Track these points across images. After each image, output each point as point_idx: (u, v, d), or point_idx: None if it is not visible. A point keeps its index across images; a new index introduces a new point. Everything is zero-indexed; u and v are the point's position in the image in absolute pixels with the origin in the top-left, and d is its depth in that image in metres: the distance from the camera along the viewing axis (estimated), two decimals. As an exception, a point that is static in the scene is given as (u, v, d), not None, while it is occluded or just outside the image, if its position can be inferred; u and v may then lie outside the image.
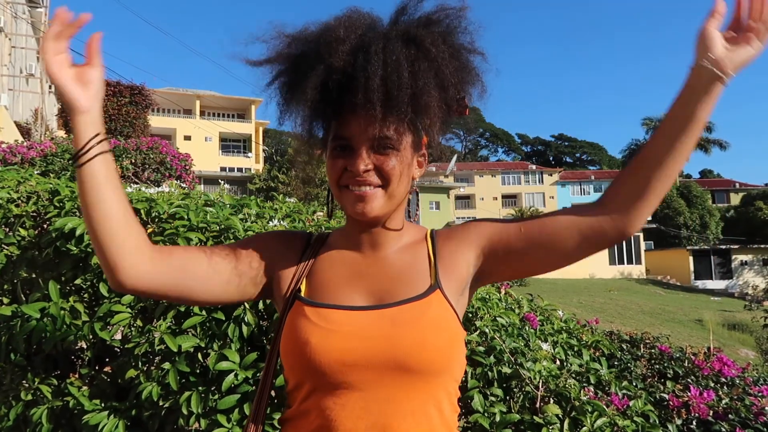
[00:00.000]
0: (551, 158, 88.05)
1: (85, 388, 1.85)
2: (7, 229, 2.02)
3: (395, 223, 1.03)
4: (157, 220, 1.93)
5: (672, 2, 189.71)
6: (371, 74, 0.87)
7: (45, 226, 2.06)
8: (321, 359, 0.90)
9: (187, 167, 9.33)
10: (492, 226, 1.02)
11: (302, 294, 0.99)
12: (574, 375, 2.09)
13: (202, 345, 1.74)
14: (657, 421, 1.99)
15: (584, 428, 1.77)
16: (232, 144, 43.71)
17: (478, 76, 0.99)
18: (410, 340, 0.89)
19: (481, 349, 1.94)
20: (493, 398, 1.84)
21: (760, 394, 2.45)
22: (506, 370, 1.88)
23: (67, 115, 12.56)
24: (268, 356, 1.04)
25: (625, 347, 3.17)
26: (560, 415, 1.79)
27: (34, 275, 2.00)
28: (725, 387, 2.65)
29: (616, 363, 2.80)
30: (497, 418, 1.73)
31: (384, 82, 0.87)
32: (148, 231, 1.87)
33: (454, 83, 0.95)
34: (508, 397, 1.87)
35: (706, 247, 32.76)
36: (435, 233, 1.08)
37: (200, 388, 1.69)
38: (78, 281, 1.90)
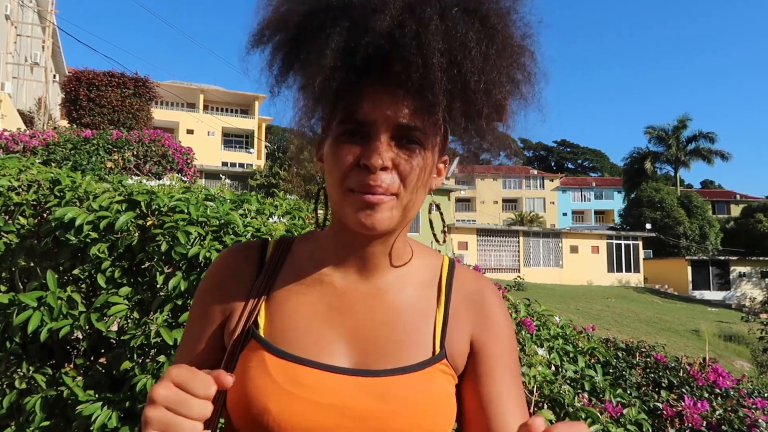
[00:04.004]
0: (553, 164, 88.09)
1: (79, 378, 1.85)
2: (7, 217, 2.02)
3: (396, 245, 0.78)
4: (157, 212, 1.93)
5: (678, 12, 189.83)
6: (430, 47, 0.64)
7: (45, 215, 2.06)
8: None
9: (189, 161, 9.33)
10: (495, 358, 0.79)
11: (260, 331, 0.74)
12: (568, 381, 2.09)
13: (198, 339, 1.74)
14: (650, 430, 1.99)
15: (577, 435, 1.77)
16: (234, 139, 43.71)
17: (530, 75, 0.75)
18: (404, 424, 0.70)
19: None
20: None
21: (754, 406, 2.45)
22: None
23: (70, 106, 12.51)
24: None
25: (620, 355, 3.17)
26: (554, 421, 1.79)
27: (32, 264, 2.00)
28: (719, 398, 2.65)
29: (611, 370, 2.80)
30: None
31: (449, 60, 0.65)
32: (148, 224, 1.87)
33: (523, 79, 0.73)
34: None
35: (704, 257, 32.75)
36: (455, 272, 0.83)
37: (195, 382, 1.69)
38: (76, 271, 1.90)
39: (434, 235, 0.83)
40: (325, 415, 0.69)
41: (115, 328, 1.88)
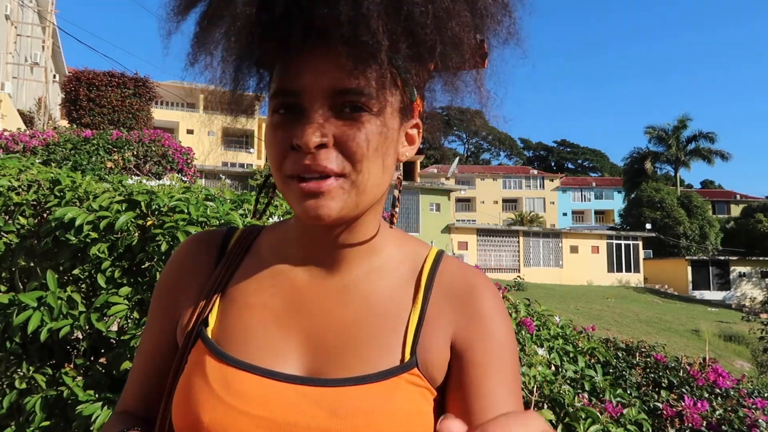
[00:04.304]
0: (553, 164, 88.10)
1: (79, 378, 1.85)
2: (7, 217, 2.02)
3: (366, 232, 0.67)
4: (157, 212, 1.93)
5: (677, 12, 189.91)
6: None
7: (45, 215, 2.06)
8: None
9: (189, 161, 9.33)
10: (484, 366, 0.64)
11: (209, 330, 0.66)
12: (568, 381, 2.09)
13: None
14: (650, 430, 1.99)
15: (577, 435, 1.77)
16: (234, 139, 43.73)
17: (507, 7, 0.62)
18: None
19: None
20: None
21: (754, 406, 2.45)
22: (501, 374, 1.88)
23: (70, 106, 12.49)
24: (163, 399, 0.68)
25: (620, 355, 3.17)
26: (554, 421, 1.79)
27: (32, 264, 2.00)
28: (719, 398, 2.65)
29: (611, 370, 2.80)
30: (490, 422, 1.73)
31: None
32: (148, 223, 1.87)
33: (486, 12, 0.61)
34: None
35: (704, 257, 32.75)
36: (440, 265, 0.70)
37: (195, 382, 1.69)
38: (76, 271, 1.90)
39: (392, 216, 0.69)
40: (261, 430, 0.59)
41: (115, 328, 1.88)
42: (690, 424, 2.18)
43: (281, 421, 0.59)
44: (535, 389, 1.84)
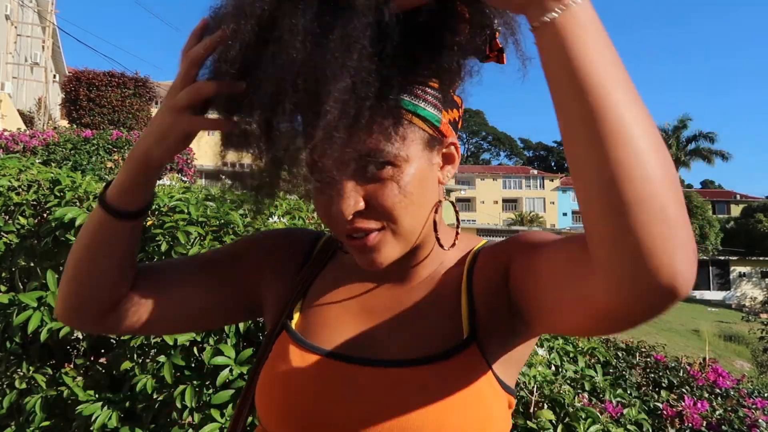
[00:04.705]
0: (553, 164, 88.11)
1: (79, 378, 1.85)
2: (7, 217, 2.02)
3: (421, 253, 0.73)
4: (157, 212, 1.93)
5: (678, 8, 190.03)
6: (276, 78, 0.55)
7: (45, 215, 2.06)
8: (297, 425, 0.68)
9: (189, 161, 9.33)
10: (529, 243, 0.67)
11: (293, 324, 0.74)
12: (568, 381, 2.09)
13: (198, 339, 1.74)
14: (650, 430, 1.99)
15: (577, 435, 1.77)
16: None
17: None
18: (421, 418, 0.63)
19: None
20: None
21: (754, 406, 2.45)
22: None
23: (70, 106, 12.47)
24: (249, 376, 0.79)
25: (620, 355, 3.17)
26: (554, 421, 1.79)
27: (32, 264, 2.00)
28: (719, 398, 2.65)
29: (611, 370, 2.80)
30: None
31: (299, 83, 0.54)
32: (148, 224, 1.87)
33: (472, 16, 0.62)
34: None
35: (704, 257, 32.76)
36: (482, 250, 0.74)
37: (195, 382, 1.69)
38: (76, 271, 1.90)
39: (437, 239, 0.72)
40: (324, 405, 0.66)
41: (115, 328, 1.88)
42: (690, 424, 2.18)
43: (352, 399, 0.66)
44: (535, 389, 1.84)
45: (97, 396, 1.77)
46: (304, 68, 0.54)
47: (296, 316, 0.75)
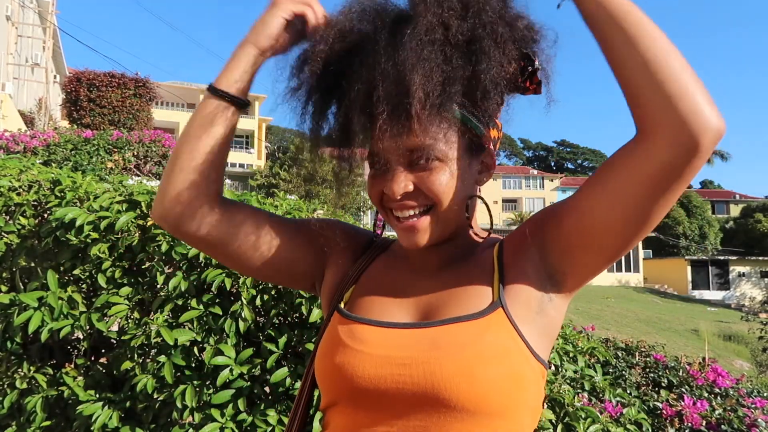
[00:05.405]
0: (553, 164, 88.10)
1: (80, 378, 1.85)
2: (8, 218, 2.03)
3: (456, 243, 0.86)
4: (157, 213, 1.93)
5: (679, 12, 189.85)
6: (368, 76, 0.73)
7: (45, 215, 2.06)
8: (345, 385, 0.77)
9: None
10: (548, 210, 0.81)
11: (342, 305, 0.86)
12: (568, 381, 2.09)
13: (199, 339, 1.75)
14: (650, 430, 1.99)
15: (577, 434, 1.77)
16: (234, 139, 43.48)
17: (537, 34, 0.81)
18: (453, 369, 0.71)
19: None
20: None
21: (753, 405, 2.45)
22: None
23: (71, 106, 12.46)
24: (307, 365, 0.91)
25: (620, 355, 3.18)
26: (553, 421, 1.79)
27: (33, 264, 2.00)
28: (719, 398, 2.66)
29: (610, 370, 2.80)
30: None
31: (386, 78, 0.71)
32: (149, 224, 1.87)
33: (514, 44, 0.78)
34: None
35: (704, 257, 32.76)
36: (505, 239, 0.87)
37: (195, 382, 1.69)
38: (77, 271, 1.91)
39: (470, 227, 0.87)
40: (379, 364, 0.75)
41: (115, 328, 1.88)
42: (690, 424, 2.18)
43: (393, 356, 0.75)
44: (534, 389, 1.84)
45: (97, 396, 1.78)
46: (391, 70, 0.71)
47: (346, 297, 0.87)
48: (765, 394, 2.89)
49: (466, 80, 0.74)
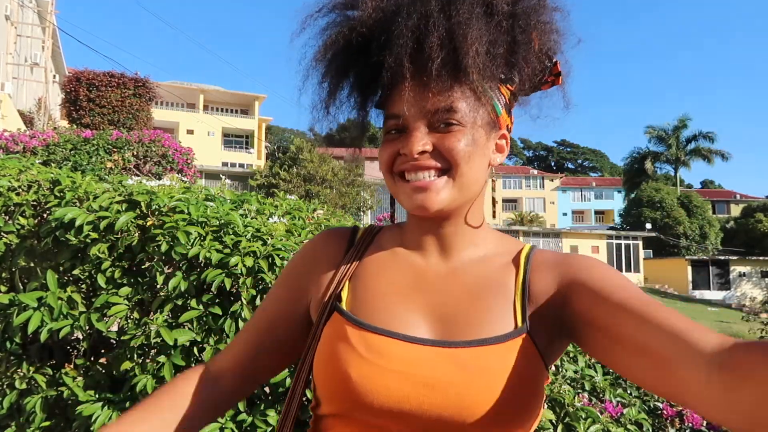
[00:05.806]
0: (553, 164, 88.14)
1: (79, 378, 1.85)
2: (7, 218, 2.02)
3: (473, 221, 0.80)
4: (157, 212, 1.93)
5: (679, 11, 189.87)
6: (407, 25, 0.71)
7: (45, 215, 2.06)
8: (362, 400, 0.71)
9: (189, 161, 9.33)
10: (606, 290, 0.70)
11: (343, 304, 0.79)
12: (568, 381, 2.09)
13: (198, 339, 1.74)
14: (650, 430, 1.99)
15: (577, 434, 1.77)
16: (234, 139, 43.69)
17: (560, 32, 0.81)
18: (481, 394, 0.68)
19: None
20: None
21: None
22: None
23: (70, 106, 12.51)
24: (298, 367, 0.84)
25: (620, 355, 3.17)
26: (554, 421, 1.79)
27: (32, 264, 2.00)
28: (719, 398, 2.65)
29: (611, 370, 2.80)
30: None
31: (431, 32, 0.70)
32: (148, 224, 1.87)
33: (546, 33, 0.78)
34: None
35: (704, 257, 32.75)
36: (534, 253, 0.81)
37: (195, 382, 1.69)
38: (76, 271, 1.90)
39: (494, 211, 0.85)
40: (402, 383, 0.70)
41: (115, 328, 1.88)
42: (690, 424, 2.18)
43: (418, 374, 0.70)
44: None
45: (97, 396, 1.77)
46: (444, 22, 0.70)
47: (345, 297, 0.80)
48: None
49: (506, 53, 0.74)
